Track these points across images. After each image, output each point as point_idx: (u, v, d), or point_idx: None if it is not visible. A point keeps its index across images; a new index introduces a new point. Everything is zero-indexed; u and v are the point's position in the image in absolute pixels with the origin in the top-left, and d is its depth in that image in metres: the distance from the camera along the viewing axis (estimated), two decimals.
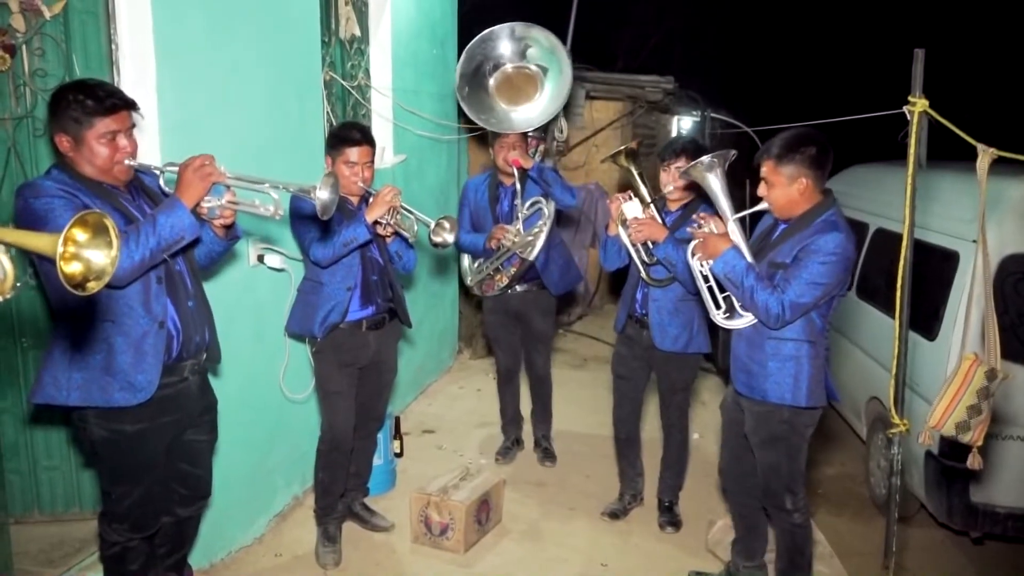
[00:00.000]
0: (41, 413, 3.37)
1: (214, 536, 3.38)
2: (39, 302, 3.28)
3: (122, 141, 2.40)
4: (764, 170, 2.88)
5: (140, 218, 2.42)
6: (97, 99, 2.33)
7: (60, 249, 1.41)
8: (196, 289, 2.66)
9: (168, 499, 2.74)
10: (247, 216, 2.68)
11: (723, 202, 2.96)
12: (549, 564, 3.65)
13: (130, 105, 2.43)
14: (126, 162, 2.42)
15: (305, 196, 2.51)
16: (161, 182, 2.58)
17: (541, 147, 4.73)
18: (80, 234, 1.46)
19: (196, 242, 2.56)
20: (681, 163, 3.42)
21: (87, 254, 1.48)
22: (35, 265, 2.91)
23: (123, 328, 2.42)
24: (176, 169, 2.46)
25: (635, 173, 3.54)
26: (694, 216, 3.13)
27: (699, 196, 3.58)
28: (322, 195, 2.48)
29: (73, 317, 2.42)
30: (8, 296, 1.45)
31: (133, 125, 2.47)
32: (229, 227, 2.63)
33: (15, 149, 3.17)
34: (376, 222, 3.19)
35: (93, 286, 1.50)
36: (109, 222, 1.50)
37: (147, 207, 2.51)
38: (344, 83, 4.56)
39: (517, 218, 4.17)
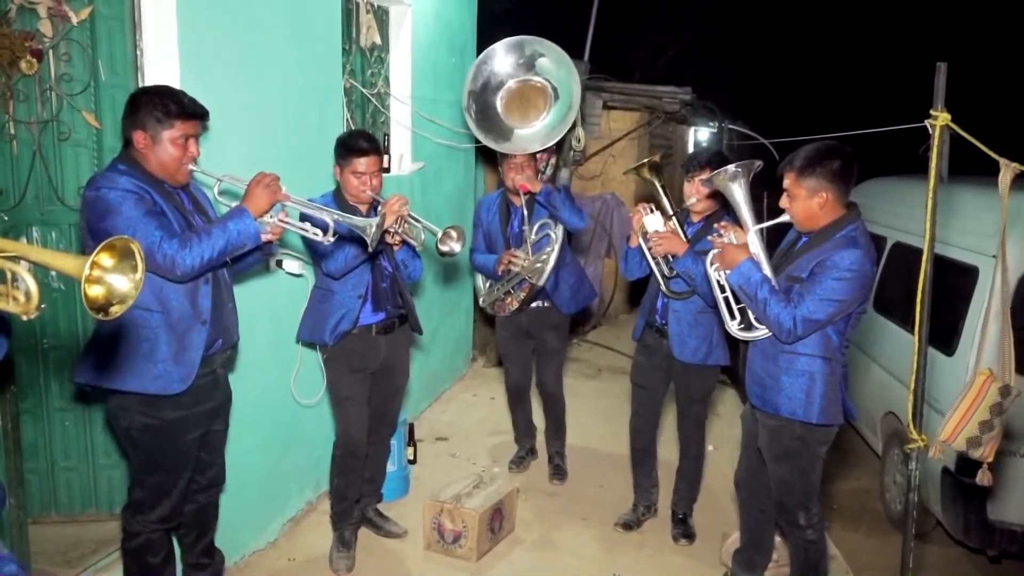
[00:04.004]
0: (60, 414, 3.41)
1: (228, 539, 3.38)
2: (61, 304, 3.31)
3: (192, 146, 2.59)
4: (786, 182, 2.85)
5: (195, 224, 2.60)
6: (181, 104, 2.54)
7: (87, 272, 1.40)
8: (232, 293, 2.84)
9: (190, 488, 2.85)
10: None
11: (745, 212, 2.93)
12: (561, 574, 3.65)
13: (206, 115, 2.62)
14: (189, 167, 2.59)
15: (360, 231, 2.77)
16: (216, 191, 2.74)
17: (553, 159, 4.63)
18: (107, 259, 1.45)
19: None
20: (706, 175, 3.41)
21: (111, 279, 1.47)
22: None
23: (170, 321, 2.55)
24: (230, 181, 2.66)
25: (658, 186, 3.55)
26: (716, 225, 3.11)
27: (722, 208, 3.58)
28: (375, 233, 2.76)
29: None
30: (33, 316, 1.45)
31: (199, 134, 2.64)
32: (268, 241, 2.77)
33: (40, 152, 3.21)
34: (385, 231, 3.20)
35: (116, 310, 1.49)
36: (136, 247, 1.50)
37: (196, 215, 2.68)
38: (364, 91, 4.59)
39: (526, 242, 4.16)
